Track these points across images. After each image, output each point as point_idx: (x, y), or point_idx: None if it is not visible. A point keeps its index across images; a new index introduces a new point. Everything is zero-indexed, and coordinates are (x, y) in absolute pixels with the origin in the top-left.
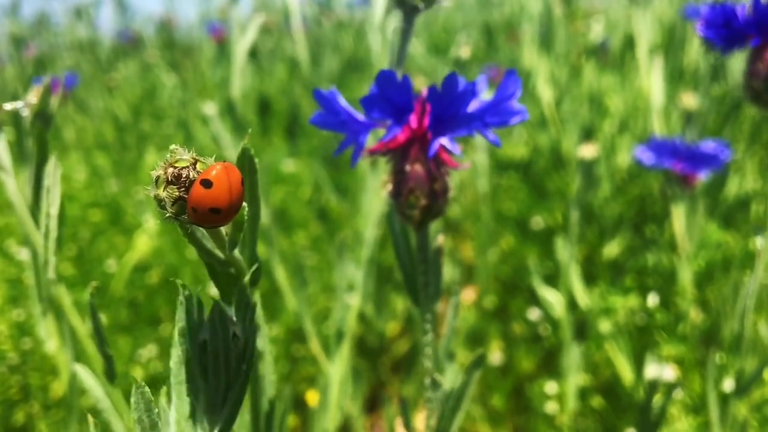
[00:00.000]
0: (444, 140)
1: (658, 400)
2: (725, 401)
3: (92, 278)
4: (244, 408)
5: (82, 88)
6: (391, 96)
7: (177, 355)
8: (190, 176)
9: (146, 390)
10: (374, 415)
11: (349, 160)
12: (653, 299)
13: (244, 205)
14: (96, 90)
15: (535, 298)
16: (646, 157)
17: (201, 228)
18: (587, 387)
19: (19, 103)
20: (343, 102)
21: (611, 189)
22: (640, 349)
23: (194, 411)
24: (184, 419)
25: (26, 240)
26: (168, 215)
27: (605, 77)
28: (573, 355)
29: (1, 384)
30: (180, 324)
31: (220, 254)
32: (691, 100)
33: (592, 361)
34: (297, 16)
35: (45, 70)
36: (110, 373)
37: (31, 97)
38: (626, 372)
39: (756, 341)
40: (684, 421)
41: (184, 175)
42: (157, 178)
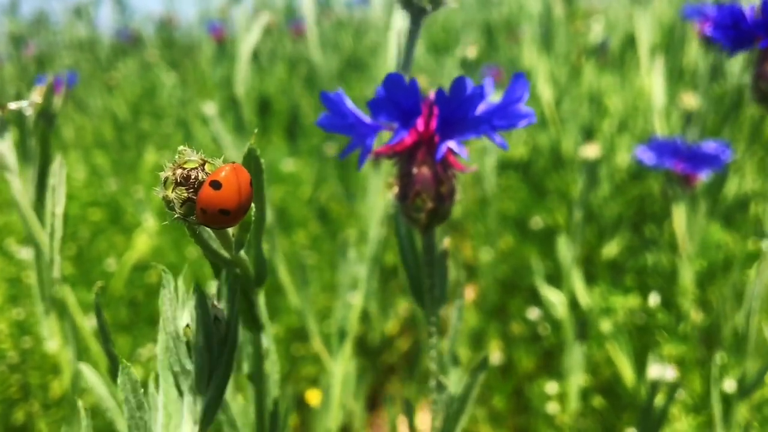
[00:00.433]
0: (451, 143)
1: (659, 401)
2: (726, 401)
3: (92, 277)
4: (249, 407)
5: (81, 87)
6: (398, 99)
7: (162, 339)
8: (199, 177)
9: (132, 371)
10: (374, 413)
11: (350, 160)
12: (654, 299)
13: (252, 205)
14: (95, 89)
15: (534, 298)
16: (647, 157)
17: (208, 228)
18: (588, 387)
19: (24, 102)
20: (350, 104)
21: (611, 189)
22: (641, 348)
23: (180, 394)
24: (171, 402)
25: (28, 239)
26: (176, 216)
27: (605, 77)
28: (575, 355)
29: (1, 383)
30: (163, 308)
31: (225, 254)
32: (691, 100)
33: (593, 360)
34: (311, 17)
35: (44, 69)
36: (115, 372)
37: (35, 97)
38: (627, 372)
39: (758, 342)
40: (684, 420)
41: (193, 177)
42: (166, 179)
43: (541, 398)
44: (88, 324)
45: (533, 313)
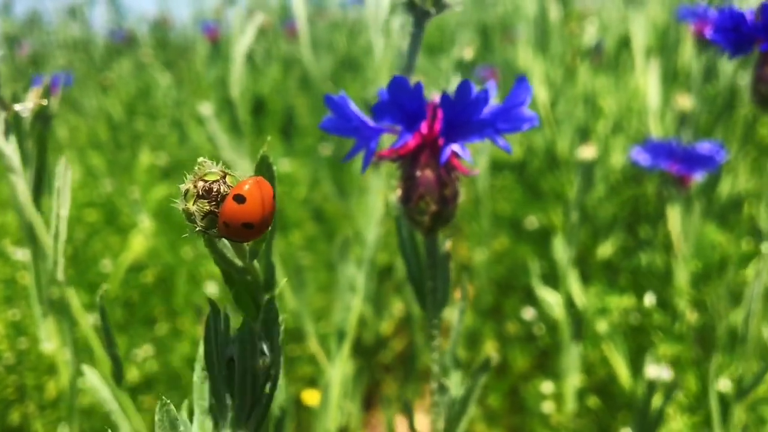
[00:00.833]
0: (455, 146)
1: (656, 401)
2: (722, 401)
3: (87, 278)
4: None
5: (76, 88)
6: (402, 102)
7: (200, 368)
8: (221, 190)
9: (171, 408)
10: (369, 413)
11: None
12: (650, 299)
13: None
14: (90, 89)
15: (529, 298)
16: (643, 158)
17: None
18: (583, 387)
19: (26, 104)
20: (354, 107)
21: (605, 189)
22: (635, 349)
23: (217, 426)
24: None
25: (25, 240)
26: (198, 229)
27: (599, 78)
28: (572, 356)
29: None
30: (207, 339)
31: (239, 263)
32: (686, 101)
33: (587, 360)
34: (303, 18)
35: (38, 70)
36: (118, 375)
37: (33, 98)
38: (623, 372)
39: (757, 343)
40: (679, 420)
41: (215, 189)
42: (186, 191)
43: (535, 398)
44: (88, 325)
45: (528, 313)
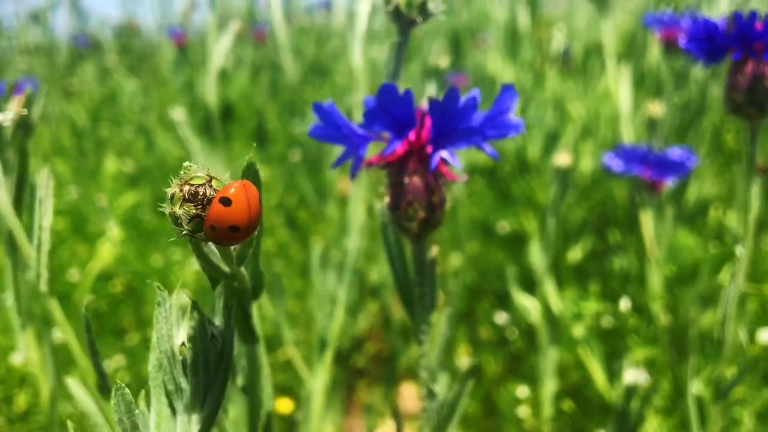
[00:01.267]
0: (444, 153)
1: (633, 404)
2: (698, 404)
3: (55, 288)
4: (241, 421)
5: (38, 93)
6: (392, 109)
7: (155, 357)
8: (208, 194)
9: (126, 391)
10: (347, 420)
11: (317, 166)
12: (625, 303)
13: None
14: (53, 95)
15: (501, 303)
16: (616, 164)
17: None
18: (558, 391)
19: (7, 113)
20: (342, 115)
21: (575, 194)
22: (608, 352)
23: (174, 413)
24: (164, 421)
25: (7, 251)
26: (183, 233)
27: (568, 84)
28: (549, 360)
29: None
30: (158, 326)
31: (226, 268)
32: (656, 107)
33: (562, 364)
34: (281, 24)
35: None
36: (103, 387)
37: (15, 107)
38: (599, 376)
39: (729, 345)
40: (654, 421)
41: (201, 193)
42: (173, 195)
43: (509, 402)
44: (57, 337)
45: (501, 318)
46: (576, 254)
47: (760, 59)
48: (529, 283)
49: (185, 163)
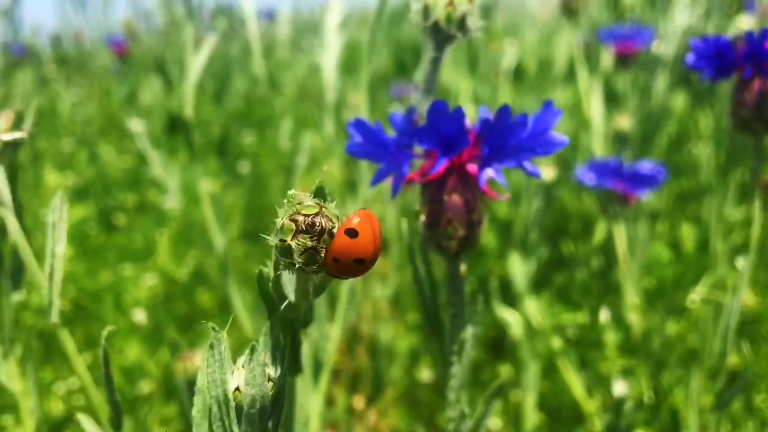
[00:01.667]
0: (490, 171)
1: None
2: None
3: None
4: None
5: None
6: (440, 127)
7: (201, 403)
8: (323, 225)
9: None
10: None
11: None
12: (604, 315)
13: None
14: None
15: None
16: (588, 177)
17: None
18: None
19: (13, 134)
20: (387, 134)
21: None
22: (581, 365)
23: None
24: None
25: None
26: (296, 265)
27: (525, 97)
28: (531, 373)
29: None
30: (209, 370)
31: (292, 298)
32: (624, 121)
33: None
34: (255, 33)
35: None
36: (116, 422)
37: (5, 125)
38: (577, 388)
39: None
40: None
41: (318, 224)
42: (282, 226)
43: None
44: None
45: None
46: (532, 266)
47: None
48: (507, 296)
49: (290, 192)
